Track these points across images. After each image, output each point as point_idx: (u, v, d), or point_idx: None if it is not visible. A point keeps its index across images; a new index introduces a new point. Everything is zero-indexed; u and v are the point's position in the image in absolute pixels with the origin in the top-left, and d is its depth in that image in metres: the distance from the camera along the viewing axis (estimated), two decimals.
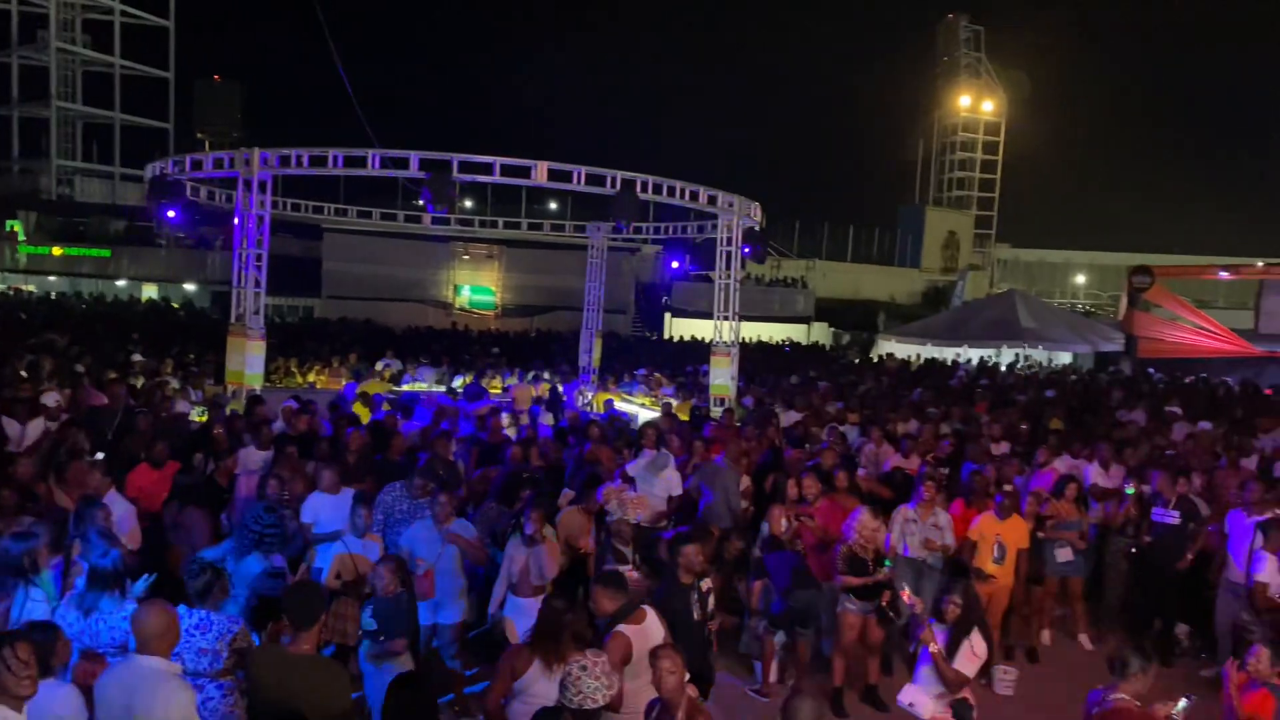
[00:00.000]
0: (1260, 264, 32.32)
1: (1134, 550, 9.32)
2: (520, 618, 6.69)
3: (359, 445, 9.38)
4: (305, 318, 33.12)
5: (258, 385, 13.07)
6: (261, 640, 5.35)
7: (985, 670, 6.11)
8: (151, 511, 7.86)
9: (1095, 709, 4.89)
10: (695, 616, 6.23)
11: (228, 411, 11.21)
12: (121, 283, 36.08)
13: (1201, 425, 14.81)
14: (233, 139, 42.34)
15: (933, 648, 5.97)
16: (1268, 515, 8.27)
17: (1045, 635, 9.32)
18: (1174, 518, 8.90)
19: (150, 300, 33.55)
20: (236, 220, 13.23)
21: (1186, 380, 23.96)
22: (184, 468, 8.78)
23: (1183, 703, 4.89)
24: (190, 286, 36.09)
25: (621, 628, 5.34)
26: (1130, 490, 9.58)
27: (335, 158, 12.40)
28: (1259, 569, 7.79)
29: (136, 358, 16.62)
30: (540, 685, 4.91)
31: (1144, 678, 4.83)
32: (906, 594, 6.45)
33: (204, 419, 11.67)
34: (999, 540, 8.40)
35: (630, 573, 6.74)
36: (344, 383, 17.70)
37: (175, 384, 13.93)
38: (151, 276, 35.98)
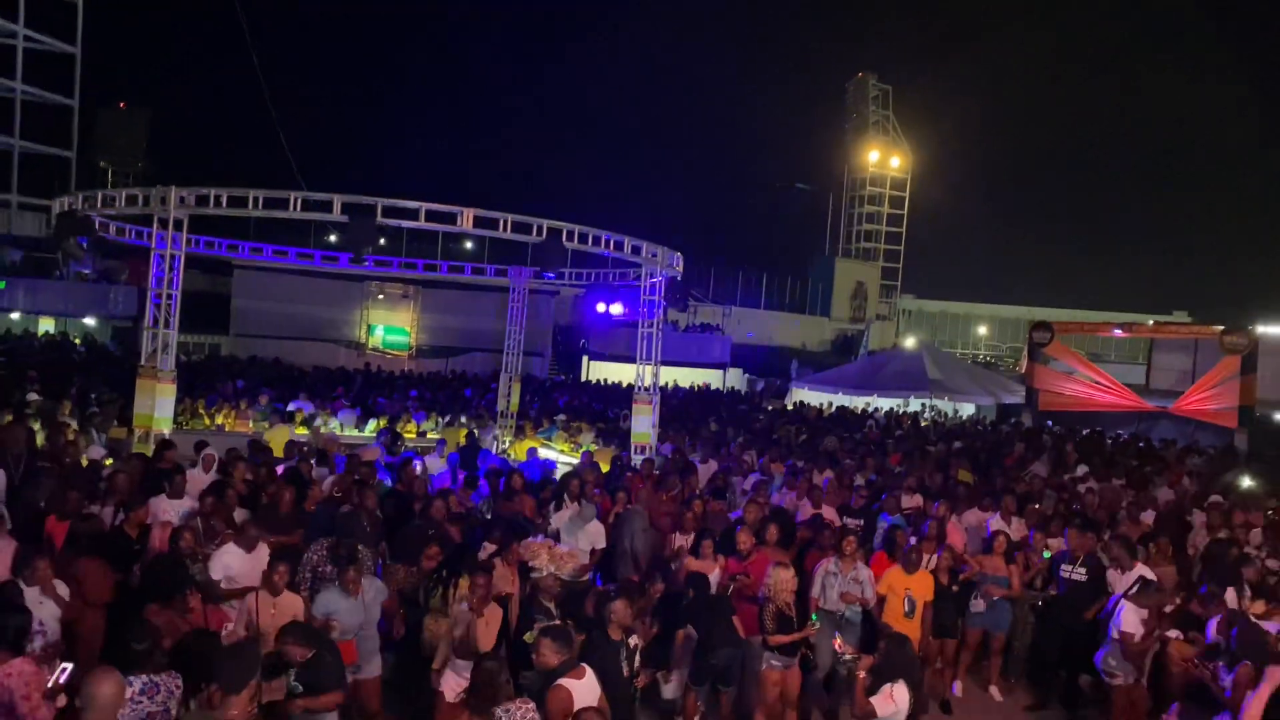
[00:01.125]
0: (1151, 322, 33.92)
1: (1040, 604, 9.65)
2: (459, 677, 6.59)
3: (290, 497, 9.15)
4: (212, 355, 32.18)
5: (166, 429, 12.67)
6: (195, 703, 5.19)
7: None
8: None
9: None
10: (624, 673, 6.27)
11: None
12: (15, 315, 34.56)
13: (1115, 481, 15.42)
14: (137, 169, 41.09)
15: (860, 674, 6.13)
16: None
17: (957, 687, 9.56)
18: (1081, 574, 9.25)
19: (48, 335, 32.20)
20: (153, 259, 12.88)
21: (1084, 433, 24.94)
22: (84, 517, 8.42)
23: None
24: (90, 321, 34.74)
25: (563, 681, 5.35)
26: (1047, 554, 9.93)
27: (256, 199, 12.21)
28: (1119, 620, 8.18)
29: (33, 397, 15.91)
30: None
31: None
32: (838, 642, 6.57)
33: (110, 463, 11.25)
34: (908, 594, 8.60)
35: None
36: (252, 426, 17.26)
37: (74, 425, 13.37)
38: (49, 310, 34.56)
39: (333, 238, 33.55)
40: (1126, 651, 8.14)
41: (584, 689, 5.48)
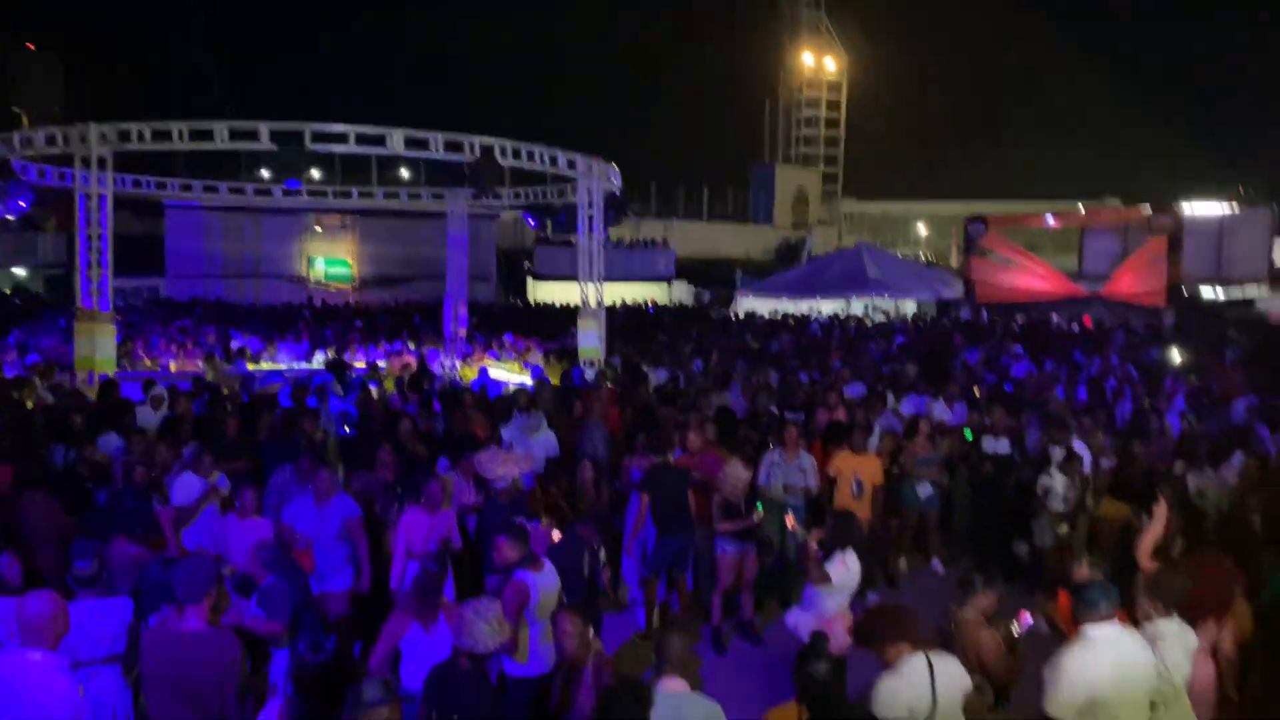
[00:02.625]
0: (1082, 210, 34.59)
1: (976, 480, 10.08)
2: None
3: (235, 426, 9.20)
4: (151, 299, 31.56)
5: (110, 370, 12.53)
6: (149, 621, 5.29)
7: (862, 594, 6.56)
8: None
9: (946, 623, 5.34)
10: (585, 571, 6.49)
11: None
12: None
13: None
14: (55, 114, 39.59)
15: (812, 545, 6.40)
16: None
17: (903, 563, 10.00)
18: (1004, 448, 9.68)
19: None
20: (78, 200, 12.58)
21: (1020, 321, 25.60)
22: (31, 459, 8.41)
23: (1021, 623, 5.35)
24: (20, 271, 33.81)
25: (520, 574, 5.55)
26: (969, 434, 10.33)
27: (180, 131, 11.92)
28: (1047, 489, 8.64)
29: None
30: (423, 645, 5.14)
31: (989, 596, 5.28)
32: (790, 519, 6.84)
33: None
34: (856, 476, 8.93)
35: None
36: (199, 364, 17.11)
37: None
38: None
39: (265, 172, 32.76)
40: (1053, 518, 8.58)
41: (542, 581, 5.68)
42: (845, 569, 6.31)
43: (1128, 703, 4.40)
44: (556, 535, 6.73)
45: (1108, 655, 4.43)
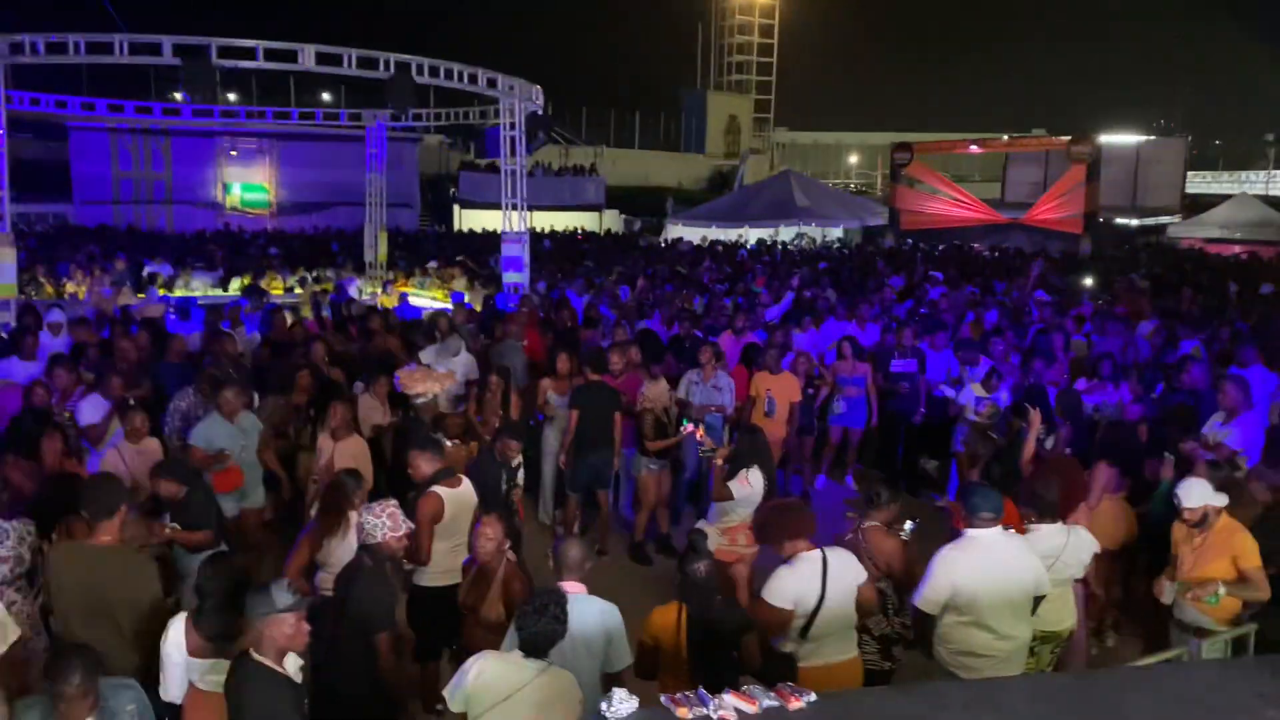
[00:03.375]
0: (1005, 138, 35.14)
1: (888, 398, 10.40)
2: None
3: (137, 350, 9.03)
4: (58, 226, 30.40)
5: (10, 295, 12.14)
6: (54, 539, 5.26)
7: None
8: None
9: (850, 533, 5.57)
10: (502, 489, 6.60)
11: None
12: None
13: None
14: None
15: (718, 461, 6.61)
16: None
17: (821, 480, 10.33)
18: (911, 366, 10.01)
19: None
20: None
21: (941, 248, 26.12)
22: None
23: (909, 525, 5.62)
24: None
25: (435, 488, 5.65)
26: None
27: (77, 43, 11.41)
28: (967, 403, 8.98)
29: None
30: (338, 553, 5.22)
31: (892, 508, 5.51)
32: (699, 433, 7.01)
33: None
34: (769, 394, 9.15)
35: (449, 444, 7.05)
36: (107, 292, 16.63)
37: None
38: None
39: (177, 95, 31.57)
40: (971, 430, 8.89)
41: (457, 497, 5.76)
42: (748, 486, 6.50)
43: (997, 603, 4.62)
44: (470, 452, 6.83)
45: (980, 556, 4.67)
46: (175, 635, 4.08)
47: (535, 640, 3.74)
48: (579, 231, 35.38)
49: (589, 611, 4.23)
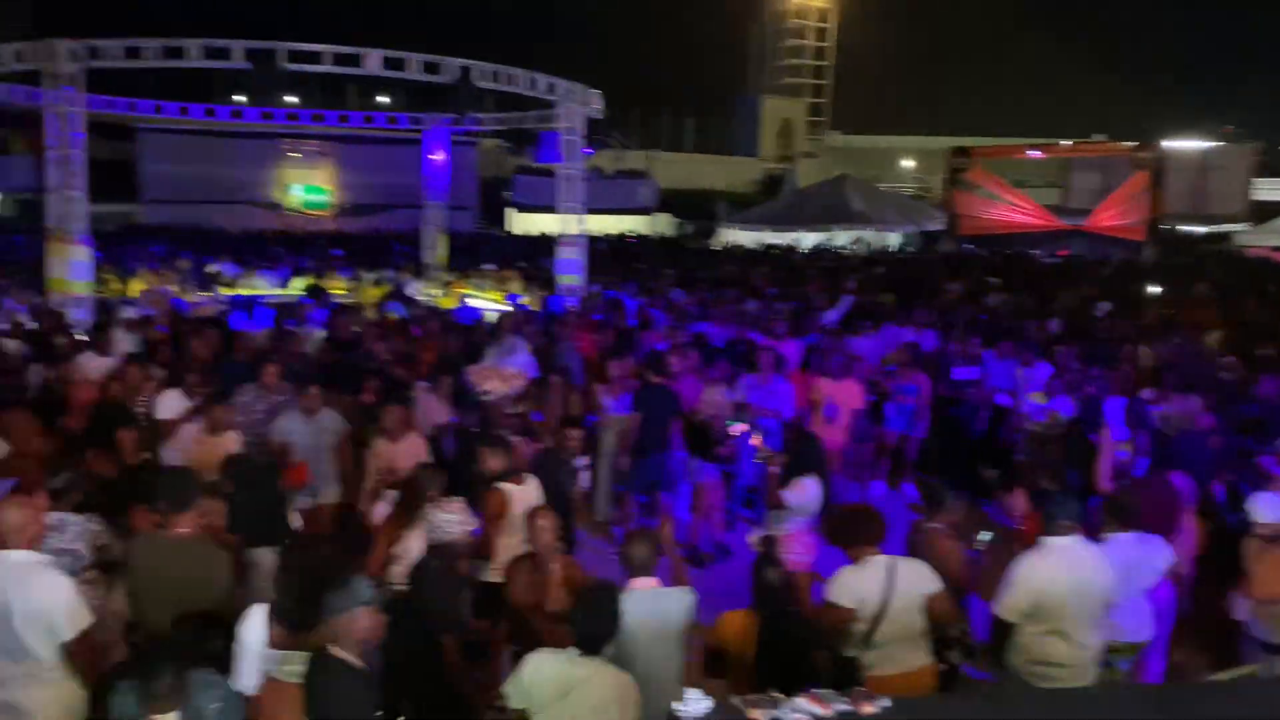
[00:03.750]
0: (1065, 143, 34.56)
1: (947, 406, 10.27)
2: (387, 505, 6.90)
3: (209, 347, 9.27)
4: (126, 225, 31.21)
5: (85, 293, 12.51)
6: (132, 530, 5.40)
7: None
8: None
9: (915, 534, 5.54)
10: (562, 488, 6.66)
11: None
12: None
13: None
14: (22, 31, 38.59)
15: (771, 466, 6.56)
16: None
17: (878, 486, 10.24)
18: (973, 373, 9.89)
19: None
20: (45, 119, 12.40)
21: (1005, 254, 25.77)
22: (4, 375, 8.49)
23: (984, 535, 5.55)
24: None
25: (502, 484, 5.71)
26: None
27: (153, 49, 11.73)
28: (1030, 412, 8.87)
29: None
30: (412, 548, 5.27)
31: (955, 512, 5.46)
32: (757, 440, 6.99)
33: None
34: (829, 400, 9.09)
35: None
36: (173, 290, 17.05)
37: None
38: None
39: (239, 96, 32.26)
40: (1034, 437, 8.78)
41: (522, 495, 5.81)
42: (804, 493, 6.46)
43: (1076, 611, 4.55)
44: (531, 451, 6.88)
45: (1059, 563, 4.60)
46: (254, 625, 4.16)
47: (590, 637, 3.75)
48: (631, 235, 35.49)
49: (668, 602, 4.24)
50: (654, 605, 4.01)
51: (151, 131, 30.72)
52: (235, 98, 29.76)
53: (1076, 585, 4.57)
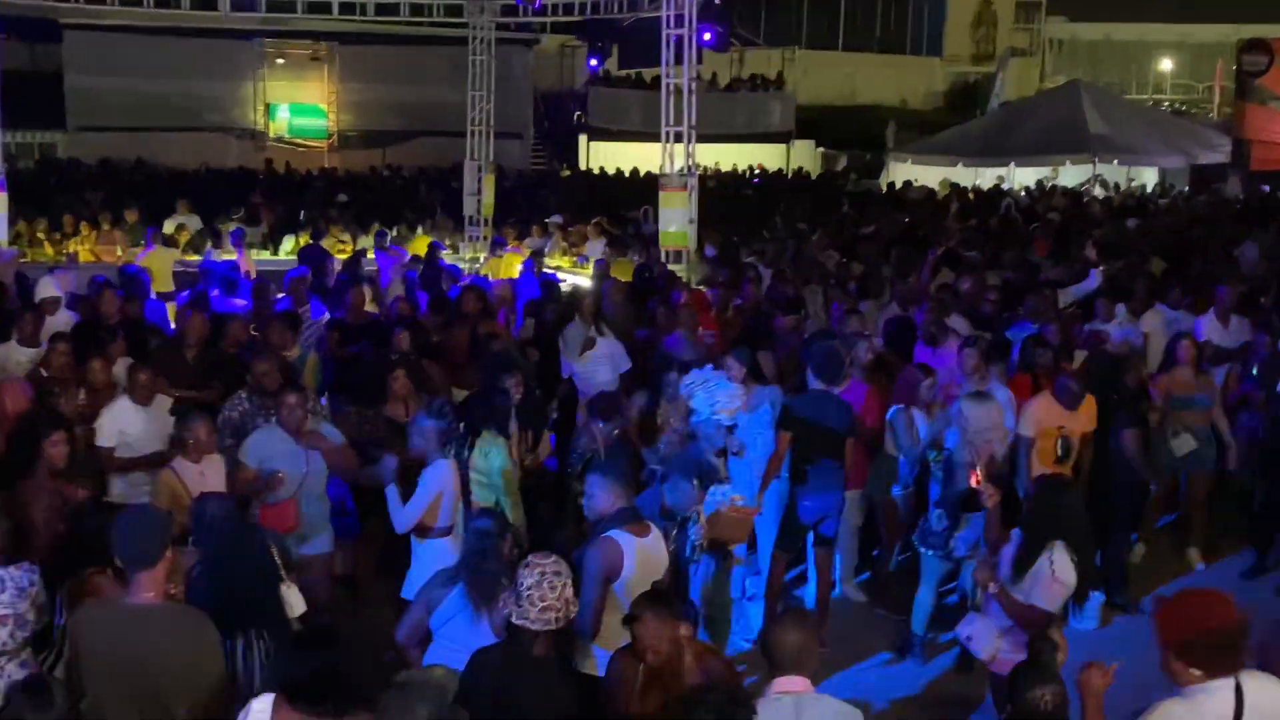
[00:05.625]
0: None
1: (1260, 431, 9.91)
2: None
3: (199, 336, 9.54)
4: (47, 159, 32.15)
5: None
6: (64, 595, 5.53)
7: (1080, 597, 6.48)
8: None
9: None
10: (671, 539, 6.63)
11: None
12: None
13: None
14: None
15: (992, 587, 6.31)
16: None
17: (1139, 550, 9.95)
18: None
19: None
20: None
21: None
22: None
23: None
24: None
25: (615, 533, 5.69)
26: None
27: None
28: None
29: None
30: (465, 632, 5.37)
31: None
32: (976, 476, 6.80)
33: None
34: (1063, 434, 8.81)
35: None
36: (118, 252, 17.54)
37: None
38: None
39: None
40: None
41: (645, 552, 5.79)
42: (1057, 583, 6.09)
43: None
44: None
45: None
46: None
47: None
48: (756, 172, 35.32)
49: (819, 716, 4.26)
50: (803, 716, 4.06)
51: (82, 30, 31.54)
52: None
53: None
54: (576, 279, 16.52)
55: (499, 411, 7.92)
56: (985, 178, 30.85)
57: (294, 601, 5.90)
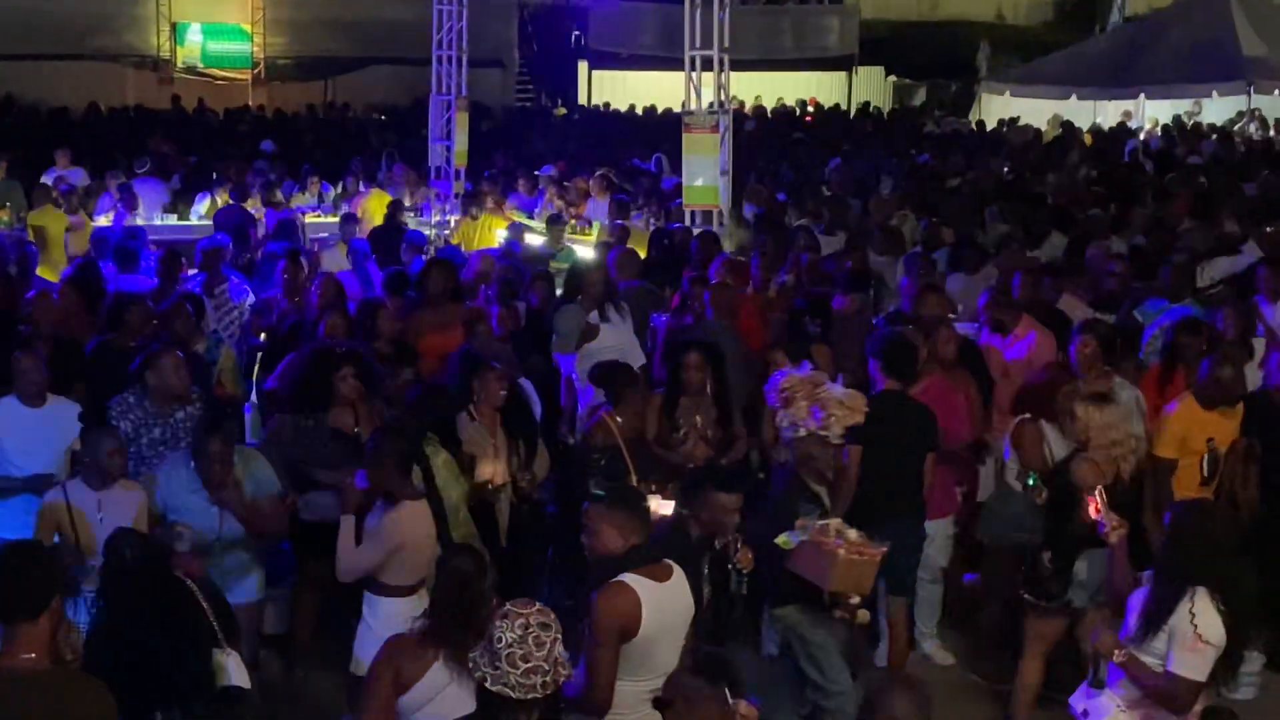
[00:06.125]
0: None
1: None
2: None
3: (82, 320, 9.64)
4: None
5: None
6: None
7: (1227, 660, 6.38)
8: None
9: None
10: (704, 582, 6.66)
11: None
12: None
13: None
14: None
15: (1117, 657, 6.28)
16: None
17: None
18: None
19: None
20: None
21: None
22: None
23: None
24: None
25: (629, 578, 5.70)
26: None
27: None
28: None
29: None
30: (449, 692, 5.42)
31: None
32: (1096, 504, 6.80)
33: None
34: (1211, 445, 8.76)
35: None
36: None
37: None
38: None
39: None
40: None
41: (665, 599, 5.78)
42: (1200, 643, 6.01)
43: None
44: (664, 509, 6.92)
45: None
46: None
47: None
48: (809, 109, 35.34)
49: None
50: None
51: None
52: None
53: None
54: (576, 246, 16.53)
55: (438, 408, 8.00)
56: (1107, 114, 30.75)
57: (233, 671, 5.94)
